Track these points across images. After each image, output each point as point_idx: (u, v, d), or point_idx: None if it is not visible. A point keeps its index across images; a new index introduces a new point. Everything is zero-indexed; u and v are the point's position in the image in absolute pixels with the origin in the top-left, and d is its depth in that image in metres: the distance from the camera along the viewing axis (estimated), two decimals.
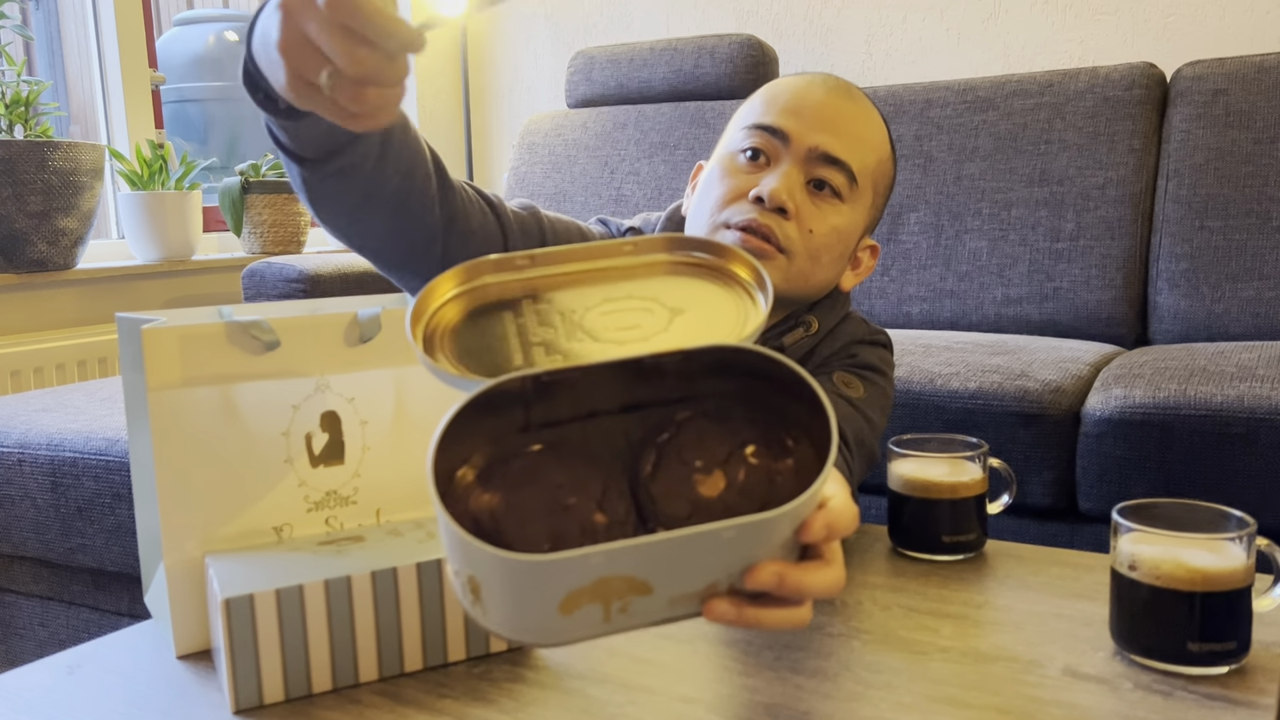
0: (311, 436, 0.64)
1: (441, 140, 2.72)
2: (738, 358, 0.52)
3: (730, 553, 0.46)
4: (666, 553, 0.44)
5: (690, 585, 0.47)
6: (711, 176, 0.88)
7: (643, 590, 0.46)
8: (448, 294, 0.54)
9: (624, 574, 0.45)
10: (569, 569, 0.43)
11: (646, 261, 0.57)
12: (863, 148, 0.86)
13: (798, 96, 0.86)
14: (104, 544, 1.18)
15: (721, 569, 0.46)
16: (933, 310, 1.79)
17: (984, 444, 0.76)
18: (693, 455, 0.53)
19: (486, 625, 0.48)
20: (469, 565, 0.45)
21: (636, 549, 0.44)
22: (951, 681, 0.57)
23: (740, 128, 0.87)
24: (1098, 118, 1.73)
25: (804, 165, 0.84)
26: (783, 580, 0.47)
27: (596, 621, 0.47)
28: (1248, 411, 1.14)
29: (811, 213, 0.84)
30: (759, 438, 0.53)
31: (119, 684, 0.59)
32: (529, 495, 0.52)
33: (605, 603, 0.46)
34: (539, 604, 0.45)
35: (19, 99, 1.71)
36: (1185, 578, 0.56)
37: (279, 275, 1.69)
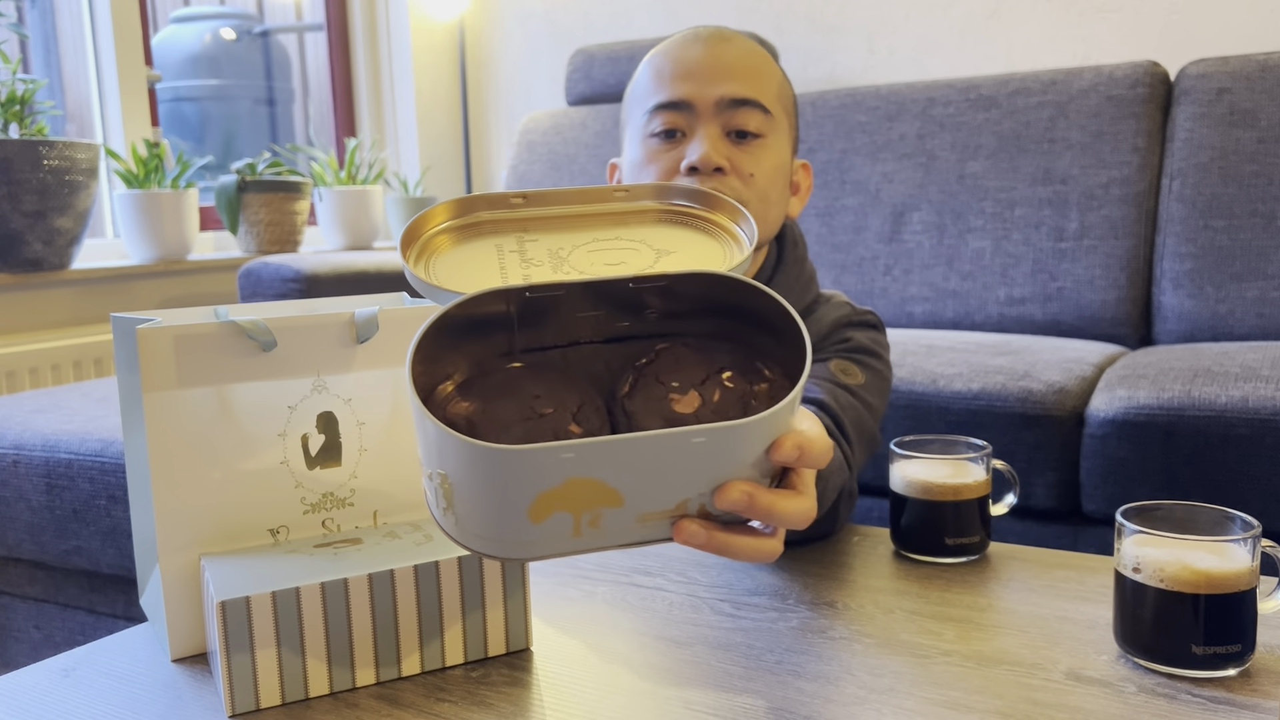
0: (308, 438, 0.63)
1: (440, 138, 2.72)
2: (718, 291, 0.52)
3: (701, 464, 0.45)
4: (636, 456, 0.44)
5: (660, 501, 0.46)
6: (635, 166, 0.90)
7: (613, 501, 0.45)
8: (441, 223, 0.54)
9: (594, 477, 0.44)
10: (539, 463, 0.43)
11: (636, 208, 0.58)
12: (760, 79, 0.89)
13: (682, 61, 0.88)
14: (99, 546, 1.17)
15: (692, 484, 0.46)
16: (935, 310, 1.78)
17: (987, 445, 0.75)
18: (670, 377, 0.53)
19: (459, 536, 0.48)
20: (442, 463, 0.45)
21: (606, 446, 0.43)
22: (954, 685, 0.56)
23: (643, 112, 0.89)
24: (1101, 116, 1.73)
25: (719, 120, 0.87)
26: (753, 500, 0.46)
27: (566, 534, 0.46)
28: (1252, 413, 1.13)
29: (745, 159, 0.87)
30: (735, 365, 0.54)
31: (114, 687, 0.58)
32: (505, 405, 0.51)
33: (575, 512, 0.45)
34: (509, 506, 0.44)
35: (14, 97, 1.70)
36: (1190, 580, 0.56)
37: (275, 275, 1.68)
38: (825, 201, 1.91)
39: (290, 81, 2.74)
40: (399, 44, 2.63)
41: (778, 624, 0.64)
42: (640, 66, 0.93)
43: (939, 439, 0.77)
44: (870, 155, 1.89)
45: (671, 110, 0.87)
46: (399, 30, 2.63)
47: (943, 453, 0.76)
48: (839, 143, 1.92)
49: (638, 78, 0.92)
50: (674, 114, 0.87)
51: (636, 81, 0.92)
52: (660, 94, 0.88)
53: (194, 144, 2.56)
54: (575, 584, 0.72)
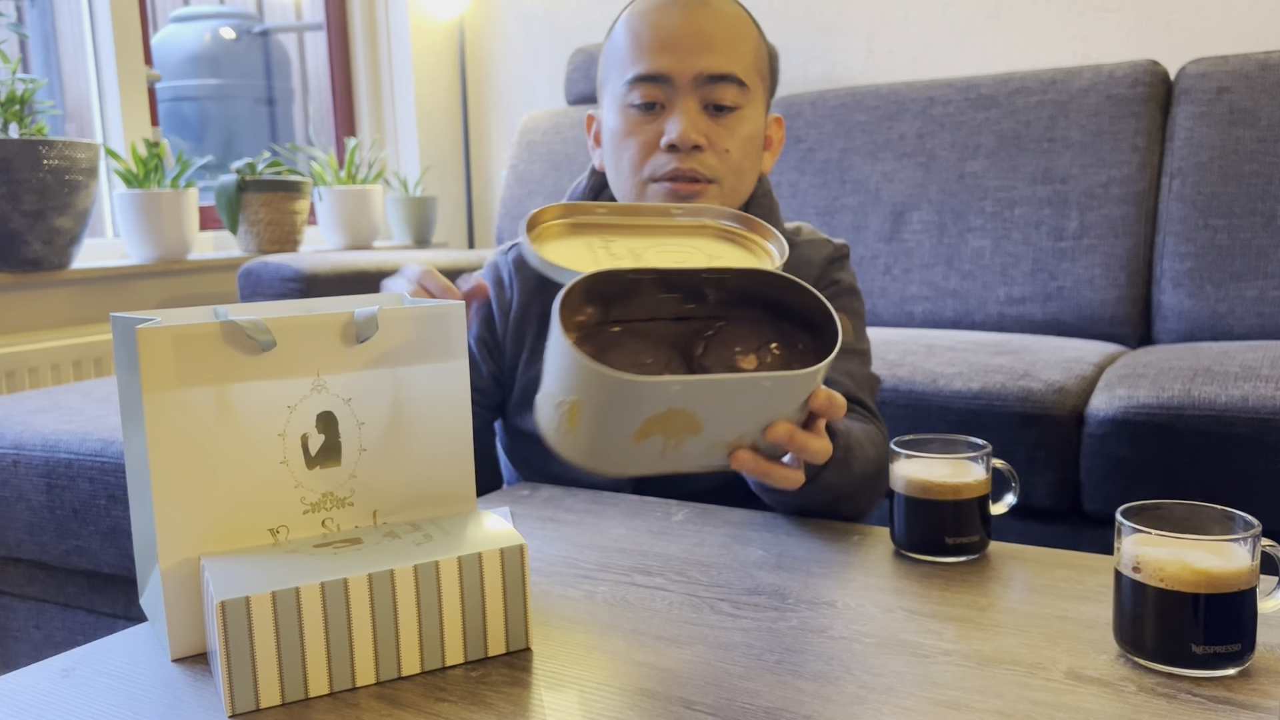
0: (308, 437, 0.63)
1: (439, 138, 2.72)
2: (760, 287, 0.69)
3: (762, 404, 0.60)
4: (721, 391, 0.59)
5: (728, 433, 0.61)
6: (615, 136, 0.93)
7: (695, 429, 0.60)
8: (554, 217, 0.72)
9: (687, 408, 0.59)
10: (655, 391, 0.57)
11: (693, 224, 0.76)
12: (737, 47, 0.90)
13: (661, 29, 0.89)
14: (99, 546, 1.17)
15: (752, 420, 0.61)
16: (935, 310, 1.78)
17: (987, 445, 0.75)
18: (733, 344, 0.70)
19: (570, 452, 0.61)
20: (577, 390, 0.58)
21: (703, 382, 0.58)
22: (954, 685, 0.56)
23: (621, 81, 0.91)
24: (1101, 115, 1.73)
25: (696, 94, 0.89)
26: (792, 435, 0.62)
27: (655, 454, 0.61)
28: (1252, 412, 1.13)
29: (721, 134, 0.90)
30: (778, 341, 0.71)
31: (114, 687, 0.58)
32: (617, 355, 0.68)
33: (667, 435, 0.60)
34: (622, 427, 0.59)
35: (14, 97, 1.70)
36: (1190, 580, 0.56)
37: (275, 274, 1.68)
38: (825, 201, 1.91)
39: (290, 81, 2.74)
40: (399, 43, 2.63)
41: (778, 623, 0.64)
42: (618, 24, 0.93)
43: (939, 438, 0.77)
44: (870, 154, 1.89)
45: (650, 83, 0.89)
46: (399, 30, 2.63)
47: (942, 452, 0.76)
48: (839, 142, 1.92)
49: (615, 38, 0.93)
50: (652, 87, 0.89)
51: (614, 42, 0.93)
52: (639, 65, 0.89)
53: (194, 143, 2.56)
54: (575, 584, 0.72)
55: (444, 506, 0.68)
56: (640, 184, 0.92)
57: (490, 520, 0.65)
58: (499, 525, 0.64)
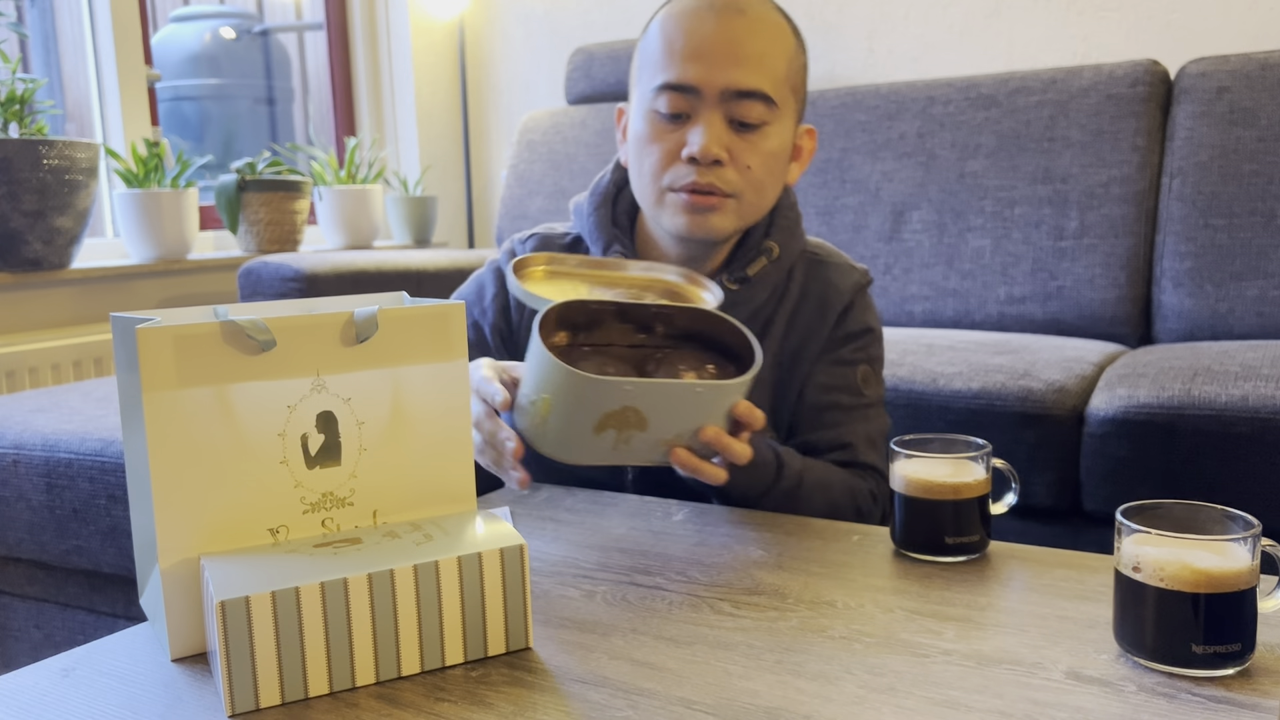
0: (307, 437, 0.63)
1: (439, 137, 2.72)
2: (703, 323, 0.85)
3: (698, 406, 0.74)
4: (664, 393, 0.73)
5: (668, 431, 0.75)
6: (639, 139, 0.92)
7: (642, 426, 0.74)
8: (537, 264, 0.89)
9: (637, 406, 0.73)
10: (611, 389, 0.72)
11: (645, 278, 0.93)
12: (769, 62, 0.89)
13: (694, 37, 0.88)
14: (99, 546, 1.17)
15: (688, 422, 0.75)
16: (935, 309, 1.78)
17: (987, 444, 0.75)
18: (677, 364, 0.84)
19: (541, 444, 0.76)
20: (549, 388, 0.73)
21: (650, 384, 0.73)
22: (954, 684, 0.56)
23: (650, 86, 0.90)
24: (1101, 115, 1.73)
25: (722, 108, 0.88)
26: (718, 437, 0.76)
27: (609, 447, 0.75)
28: (1252, 411, 1.13)
29: (744, 149, 0.89)
30: (715, 364, 0.85)
31: (114, 687, 0.58)
32: (583, 366, 0.81)
33: (619, 430, 0.74)
34: (584, 420, 0.73)
35: (14, 97, 1.70)
36: (1190, 579, 0.56)
37: (275, 274, 1.68)
38: (825, 200, 1.91)
39: (290, 81, 2.74)
40: (399, 43, 2.63)
41: (777, 623, 0.64)
42: (653, 23, 0.92)
43: (939, 438, 0.77)
44: (870, 154, 1.89)
45: (676, 92, 0.88)
46: (399, 29, 2.63)
47: (942, 452, 0.76)
48: (839, 141, 1.92)
49: (650, 38, 0.92)
50: (679, 96, 0.88)
51: (648, 41, 0.92)
52: (668, 72, 0.88)
53: (194, 143, 2.56)
54: (575, 583, 0.72)
55: (444, 506, 0.68)
56: (659, 192, 0.92)
57: (490, 520, 0.65)
58: (499, 525, 0.64)
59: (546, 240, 1.04)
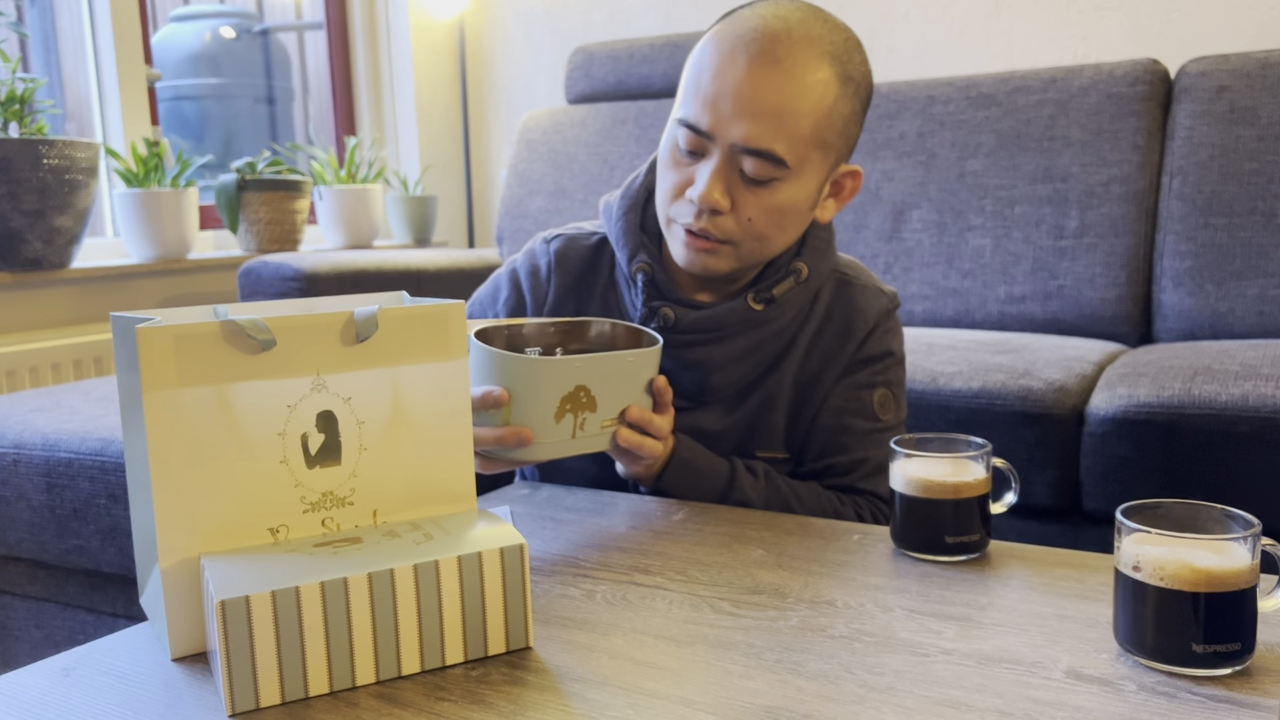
0: (308, 437, 0.63)
1: (440, 137, 2.72)
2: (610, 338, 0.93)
3: (632, 378, 0.83)
4: (608, 366, 0.81)
5: (612, 409, 0.83)
6: (663, 160, 0.93)
7: (593, 406, 0.81)
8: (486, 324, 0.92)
9: (586, 384, 0.80)
10: (563, 368, 0.79)
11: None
12: (789, 121, 0.85)
13: (720, 80, 0.86)
14: (99, 545, 1.17)
15: (625, 396, 0.83)
16: (936, 308, 1.78)
17: (987, 444, 0.75)
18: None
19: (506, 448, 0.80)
20: (509, 383, 0.78)
21: (595, 358, 0.80)
22: (954, 684, 0.56)
23: (677, 113, 0.90)
24: (1101, 114, 1.73)
25: (730, 159, 0.87)
26: (642, 413, 0.84)
27: (568, 435, 0.81)
28: (1252, 411, 1.13)
29: (748, 201, 0.87)
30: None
31: (114, 686, 0.58)
32: None
33: (575, 414, 0.80)
34: (544, 408, 0.79)
35: (14, 96, 1.70)
36: (1190, 579, 0.56)
37: (275, 274, 1.68)
38: None
39: (290, 80, 2.74)
40: (399, 42, 2.63)
41: (777, 622, 0.64)
42: (705, 38, 0.90)
43: (939, 437, 0.77)
44: (870, 153, 1.89)
45: (692, 132, 0.88)
46: (399, 29, 2.63)
47: (943, 451, 0.76)
48: None
49: (696, 52, 0.90)
50: (694, 137, 0.88)
51: (694, 57, 0.90)
52: (688, 109, 0.88)
53: (194, 143, 2.56)
54: (575, 583, 0.72)
55: (444, 506, 0.68)
56: (667, 220, 0.92)
57: (490, 520, 0.65)
58: (499, 525, 0.64)
59: (573, 241, 1.02)
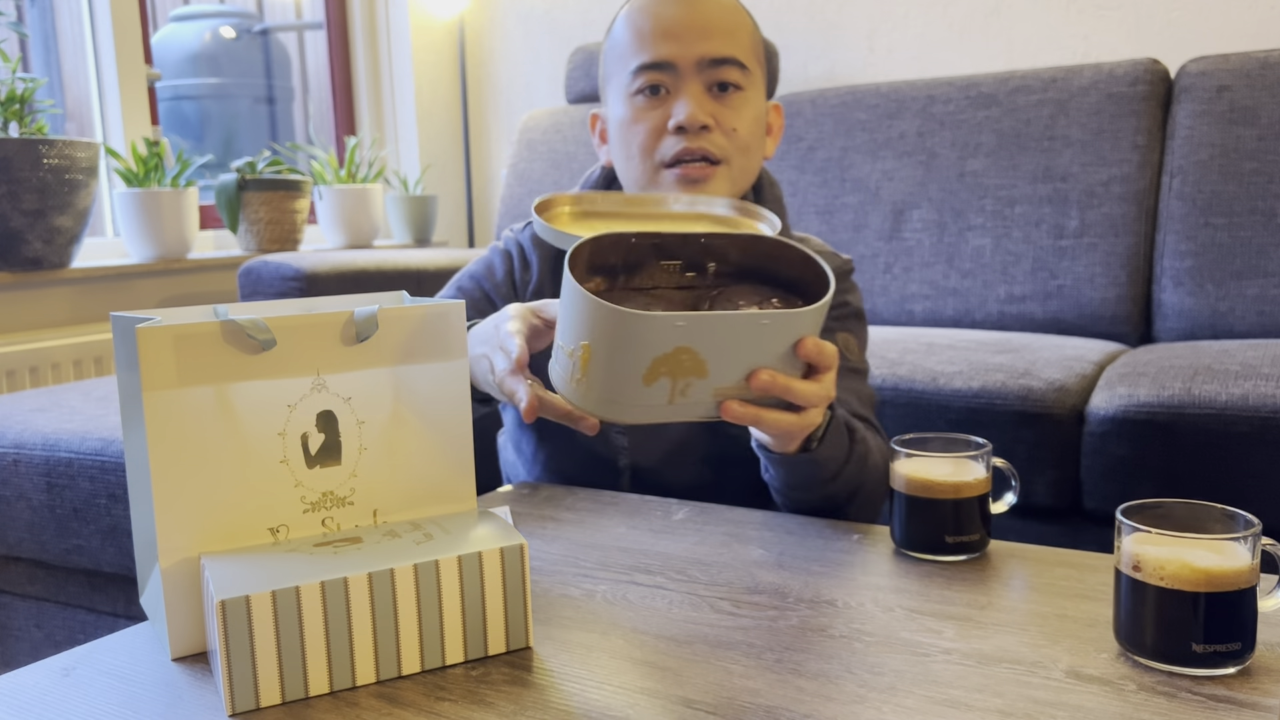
0: (308, 436, 0.63)
1: (440, 137, 2.72)
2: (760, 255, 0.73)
3: (762, 345, 0.63)
4: (723, 328, 0.61)
5: (730, 377, 0.64)
6: (622, 125, 0.94)
7: (700, 372, 0.63)
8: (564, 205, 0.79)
9: (692, 347, 0.61)
10: (661, 326, 0.60)
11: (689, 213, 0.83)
12: (736, 33, 0.92)
13: (662, 19, 0.91)
14: (100, 545, 1.17)
15: (753, 363, 0.63)
16: (936, 308, 1.78)
17: (987, 443, 0.75)
18: (737, 300, 0.73)
19: (584, 401, 0.64)
20: (588, 334, 0.62)
21: (707, 319, 0.60)
22: (954, 683, 0.56)
23: (626, 71, 0.93)
24: (1102, 114, 1.73)
25: (701, 78, 0.91)
26: (774, 379, 0.64)
27: (664, 400, 0.63)
28: (1253, 410, 1.13)
29: (728, 114, 0.92)
30: (778, 298, 0.74)
31: (114, 686, 0.58)
32: (629, 303, 0.70)
33: (674, 378, 0.62)
34: (632, 368, 0.62)
35: (14, 96, 1.70)
36: (1190, 578, 0.56)
37: (275, 273, 1.68)
38: (825, 199, 1.91)
39: (290, 80, 2.74)
40: (399, 42, 2.63)
41: (778, 622, 0.64)
42: (617, 22, 0.95)
43: (939, 437, 0.77)
44: (870, 153, 1.89)
45: (655, 70, 0.90)
46: (399, 28, 2.63)
47: (943, 451, 0.76)
48: (839, 140, 1.92)
49: (616, 34, 0.95)
50: (657, 73, 0.91)
51: (615, 38, 0.95)
52: (643, 54, 0.91)
53: (194, 142, 2.56)
54: (575, 582, 0.72)
55: (444, 505, 0.68)
56: (652, 169, 0.93)
57: (490, 519, 0.65)
58: (499, 524, 0.64)
59: None
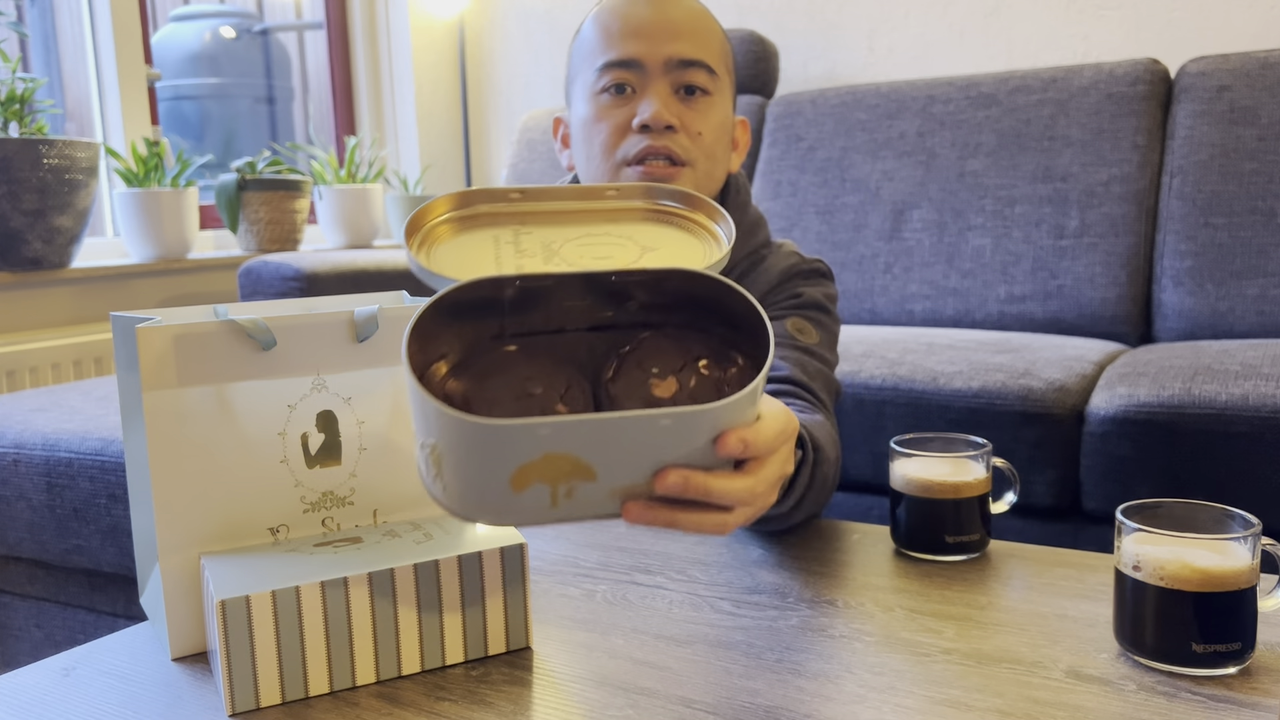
0: (308, 436, 0.63)
1: (440, 137, 2.72)
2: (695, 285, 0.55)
3: (669, 445, 0.48)
4: (608, 434, 0.46)
5: (631, 477, 0.49)
6: (586, 123, 0.92)
7: (587, 475, 0.48)
8: (443, 214, 0.58)
9: (570, 453, 0.47)
10: (520, 436, 0.46)
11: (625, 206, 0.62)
12: (705, 38, 0.91)
13: (631, 19, 0.90)
14: (100, 545, 1.17)
15: (654, 463, 0.49)
16: (936, 308, 1.78)
17: (987, 443, 0.75)
18: (650, 363, 0.57)
19: (447, 503, 0.50)
20: (433, 434, 0.48)
21: (581, 424, 0.46)
22: (954, 683, 0.56)
23: (592, 70, 0.91)
24: (1102, 114, 1.73)
25: (668, 78, 0.89)
26: (688, 482, 0.48)
27: (545, 505, 0.49)
28: (1253, 410, 1.13)
29: (693, 118, 0.89)
30: (710, 353, 0.58)
31: (115, 686, 0.58)
32: (498, 382, 0.56)
33: (553, 484, 0.48)
34: (492, 475, 0.47)
35: (14, 96, 1.70)
36: (1190, 578, 0.56)
37: (275, 273, 1.68)
38: (825, 199, 1.91)
39: (290, 80, 2.74)
40: (399, 42, 2.63)
41: (778, 622, 0.64)
42: (585, 23, 0.94)
43: (939, 437, 0.77)
44: (870, 153, 1.89)
45: (621, 68, 0.89)
46: (399, 28, 2.63)
47: (943, 451, 0.76)
48: (839, 140, 1.92)
49: (584, 35, 0.93)
50: (624, 72, 0.89)
51: (583, 38, 0.93)
52: (610, 52, 0.89)
53: (194, 142, 2.56)
54: (576, 582, 0.72)
55: None
56: (613, 168, 0.90)
57: None
58: None
59: None
